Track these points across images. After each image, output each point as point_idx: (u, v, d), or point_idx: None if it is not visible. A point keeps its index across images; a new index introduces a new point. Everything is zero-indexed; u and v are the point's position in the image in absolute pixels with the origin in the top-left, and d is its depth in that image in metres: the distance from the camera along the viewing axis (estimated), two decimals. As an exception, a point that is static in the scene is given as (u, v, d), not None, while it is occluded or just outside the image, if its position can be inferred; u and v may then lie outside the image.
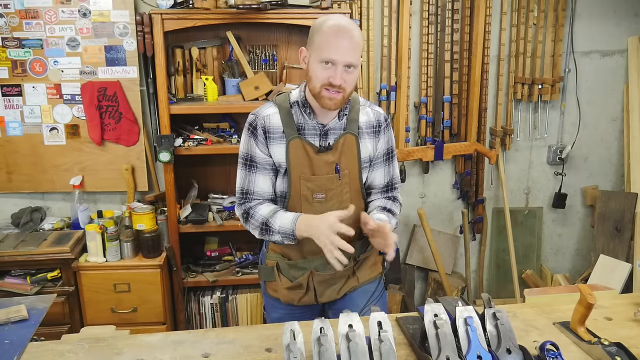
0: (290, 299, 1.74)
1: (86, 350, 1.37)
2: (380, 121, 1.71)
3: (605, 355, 1.27)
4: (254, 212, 1.64)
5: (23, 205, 2.90)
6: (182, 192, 2.85)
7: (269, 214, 1.61)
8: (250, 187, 1.65)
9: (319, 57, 1.50)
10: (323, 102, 1.54)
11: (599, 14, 3.08)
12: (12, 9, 2.64)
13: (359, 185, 1.70)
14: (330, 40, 1.48)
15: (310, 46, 1.54)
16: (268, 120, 1.62)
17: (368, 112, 1.70)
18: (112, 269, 2.57)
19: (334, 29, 1.48)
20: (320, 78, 1.51)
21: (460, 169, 3.19)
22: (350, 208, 1.49)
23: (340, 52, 1.47)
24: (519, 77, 3.08)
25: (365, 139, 1.68)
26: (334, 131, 1.64)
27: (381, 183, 1.76)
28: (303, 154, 1.61)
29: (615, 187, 3.35)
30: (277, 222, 1.59)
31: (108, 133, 2.81)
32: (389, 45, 2.95)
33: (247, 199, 1.66)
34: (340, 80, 1.49)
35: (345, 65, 1.49)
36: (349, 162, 1.65)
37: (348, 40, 1.48)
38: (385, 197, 1.76)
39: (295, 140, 1.60)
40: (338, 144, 1.63)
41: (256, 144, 1.63)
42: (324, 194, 1.63)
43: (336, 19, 1.52)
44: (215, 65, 2.78)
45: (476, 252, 3.38)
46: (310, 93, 1.58)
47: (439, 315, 1.27)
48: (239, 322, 2.86)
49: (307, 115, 1.62)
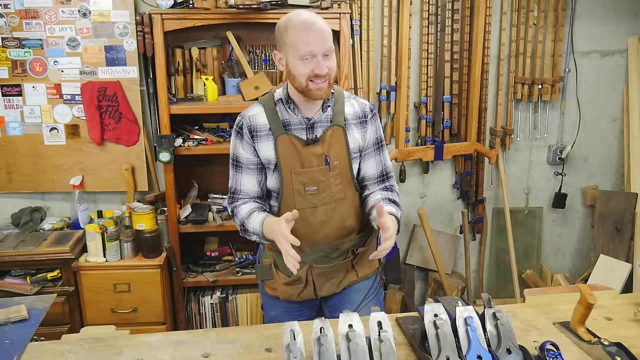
0: (289, 294, 1.75)
1: (86, 350, 1.38)
2: (366, 112, 1.74)
3: (605, 355, 1.27)
4: (237, 211, 1.70)
5: (23, 205, 2.90)
6: (182, 192, 2.85)
7: (245, 215, 1.67)
8: (238, 186, 1.72)
9: (297, 54, 1.54)
10: (312, 94, 1.58)
11: (599, 14, 3.08)
12: (12, 9, 2.64)
13: (350, 176, 1.72)
14: (302, 35, 1.53)
15: (283, 47, 1.58)
16: (254, 120, 1.67)
17: (353, 104, 1.74)
18: (112, 269, 2.57)
19: (302, 25, 1.54)
20: (304, 72, 1.55)
21: (460, 169, 3.19)
22: (295, 212, 1.51)
23: (315, 43, 1.53)
24: (519, 77, 3.08)
25: (352, 129, 1.71)
26: (320, 124, 1.67)
27: (375, 173, 1.77)
28: (291, 148, 1.64)
29: (615, 187, 3.35)
30: (251, 224, 1.65)
31: (108, 133, 2.81)
32: (389, 45, 2.95)
33: (234, 198, 1.73)
34: (324, 69, 1.55)
35: (323, 53, 1.55)
36: (338, 153, 1.68)
37: (318, 31, 1.54)
38: (382, 189, 1.77)
39: (282, 137, 1.64)
40: (325, 136, 1.66)
41: (241, 144, 1.68)
42: (316, 186, 1.66)
43: (298, 14, 1.57)
44: (215, 65, 2.78)
45: (476, 252, 3.38)
46: (295, 90, 1.62)
47: (439, 315, 1.27)
48: (239, 322, 2.86)
49: (291, 111, 1.66)
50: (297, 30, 1.53)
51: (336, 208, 1.69)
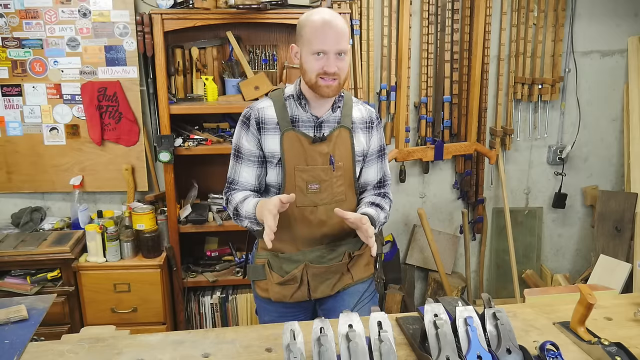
0: (282, 295, 1.74)
1: (86, 350, 1.38)
2: (373, 118, 1.78)
3: (605, 355, 1.27)
4: (231, 198, 1.71)
5: (23, 205, 2.90)
6: (182, 192, 2.85)
7: (240, 200, 1.68)
8: (236, 176, 1.73)
9: (310, 50, 1.57)
10: (321, 90, 1.59)
11: (599, 14, 3.08)
12: (12, 9, 2.64)
13: (352, 178, 1.74)
14: (318, 32, 1.55)
15: (300, 41, 1.61)
16: (263, 113, 1.68)
17: (361, 109, 1.77)
18: (112, 269, 2.57)
19: (319, 21, 1.56)
20: (315, 68, 1.57)
21: (460, 169, 3.19)
22: (292, 195, 1.53)
23: (329, 41, 1.55)
24: (519, 77, 3.08)
25: (358, 133, 1.73)
26: (328, 124, 1.69)
27: (374, 180, 1.81)
28: (297, 145, 1.65)
29: (615, 187, 3.35)
30: (244, 208, 1.65)
31: (108, 133, 2.81)
32: (389, 45, 2.95)
33: (231, 187, 1.74)
34: (334, 67, 1.56)
35: (336, 53, 1.57)
36: (343, 154, 1.69)
37: (334, 30, 1.56)
38: (376, 194, 1.81)
39: (289, 132, 1.65)
40: (332, 136, 1.68)
41: (246, 135, 1.69)
42: (319, 185, 1.67)
43: (319, 12, 1.60)
44: (215, 65, 2.78)
45: (476, 252, 3.38)
46: (306, 85, 1.64)
47: (439, 315, 1.27)
48: (239, 322, 2.86)
49: (301, 107, 1.67)
50: (314, 27, 1.56)
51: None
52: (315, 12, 1.60)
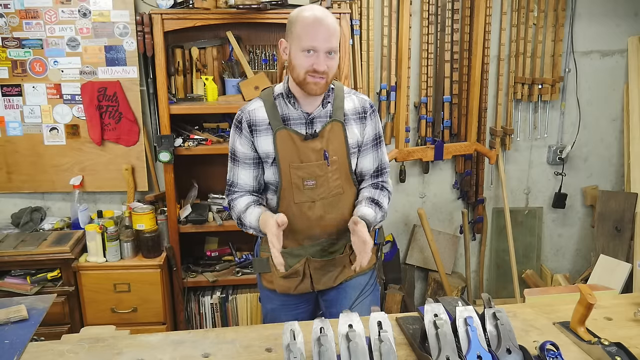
0: (286, 287, 1.77)
1: (86, 350, 1.38)
2: (366, 107, 1.76)
3: (605, 355, 1.27)
4: (234, 205, 1.74)
5: (23, 205, 2.90)
6: (182, 192, 2.85)
7: (242, 210, 1.70)
8: (235, 179, 1.75)
9: (300, 46, 1.56)
10: (308, 88, 1.59)
11: (599, 14, 3.08)
12: (12, 9, 2.64)
13: (349, 171, 1.73)
14: (309, 29, 1.55)
15: (290, 37, 1.61)
16: (254, 115, 1.68)
17: (353, 100, 1.75)
18: (112, 269, 2.57)
19: (311, 18, 1.56)
20: (304, 66, 1.57)
21: (460, 169, 3.19)
22: (285, 220, 1.56)
23: (320, 39, 1.54)
24: (519, 77, 3.08)
25: (351, 125, 1.72)
26: (319, 119, 1.68)
27: (371, 169, 1.79)
28: (290, 143, 1.65)
29: (615, 187, 3.35)
30: (247, 219, 1.68)
31: (108, 133, 2.81)
32: (389, 45, 2.95)
33: (231, 190, 1.76)
34: (324, 66, 1.56)
35: (326, 51, 1.56)
36: (337, 148, 1.69)
37: (325, 27, 1.55)
38: (374, 185, 1.78)
39: (281, 131, 1.65)
40: (324, 131, 1.67)
41: (239, 138, 1.70)
42: (314, 181, 1.67)
43: (311, 8, 1.59)
44: (215, 65, 2.78)
45: (476, 252, 3.38)
46: (294, 82, 1.63)
47: (439, 315, 1.27)
48: (239, 322, 2.86)
49: (291, 105, 1.67)
50: (305, 23, 1.55)
51: (334, 203, 1.71)
52: (306, 9, 1.59)
